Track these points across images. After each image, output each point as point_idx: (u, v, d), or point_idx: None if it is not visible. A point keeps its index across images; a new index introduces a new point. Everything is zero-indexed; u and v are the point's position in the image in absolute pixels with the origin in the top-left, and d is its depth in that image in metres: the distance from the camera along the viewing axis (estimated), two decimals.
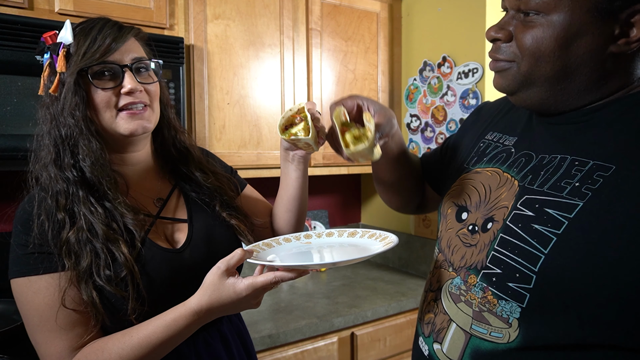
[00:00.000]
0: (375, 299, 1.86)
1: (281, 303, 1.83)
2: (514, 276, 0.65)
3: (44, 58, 0.83)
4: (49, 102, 0.82)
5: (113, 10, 1.49)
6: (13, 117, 1.28)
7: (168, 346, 0.77)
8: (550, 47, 0.63)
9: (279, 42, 1.86)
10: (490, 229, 0.71)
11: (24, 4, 1.35)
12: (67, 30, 0.81)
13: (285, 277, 0.73)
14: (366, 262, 2.48)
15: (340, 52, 2.04)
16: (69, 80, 0.79)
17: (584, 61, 0.63)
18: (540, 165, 0.69)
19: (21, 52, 1.29)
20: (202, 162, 0.99)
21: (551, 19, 0.62)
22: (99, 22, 0.83)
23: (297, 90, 1.92)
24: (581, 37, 0.62)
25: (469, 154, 0.87)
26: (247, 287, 0.73)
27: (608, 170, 0.60)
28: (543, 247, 0.62)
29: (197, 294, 0.76)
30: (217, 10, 1.71)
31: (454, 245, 0.79)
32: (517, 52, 0.67)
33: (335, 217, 2.53)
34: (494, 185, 0.75)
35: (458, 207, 0.81)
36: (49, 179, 0.80)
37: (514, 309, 0.64)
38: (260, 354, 1.52)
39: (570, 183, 0.63)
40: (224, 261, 0.76)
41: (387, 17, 2.17)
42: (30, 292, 0.76)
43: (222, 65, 1.73)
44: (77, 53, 0.80)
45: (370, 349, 1.77)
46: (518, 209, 0.68)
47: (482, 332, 0.68)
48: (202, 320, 0.77)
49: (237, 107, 1.78)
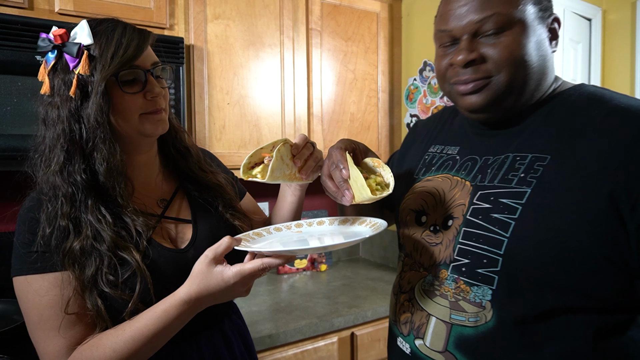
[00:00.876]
0: (375, 299, 1.86)
1: (281, 303, 1.83)
2: (481, 263, 0.72)
3: (49, 56, 0.80)
4: (59, 102, 0.79)
5: (113, 10, 1.49)
6: (13, 117, 1.28)
7: (161, 338, 0.77)
8: (523, 56, 0.72)
9: (279, 42, 1.86)
10: (451, 226, 0.78)
11: (24, 4, 1.35)
12: (85, 31, 0.79)
13: (273, 264, 0.73)
14: (366, 262, 2.49)
15: (340, 52, 2.04)
16: (98, 84, 0.77)
17: (546, 61, 0.75)
18: (486, 166, 0.78)
19: (21, 52, 1.29)
20: (201, 162, 0.99)
21: (515, 32, 0.71)
22: (118, 24, 0.82)
23: (297, 90, 1.92)
24: (540, 42, 0.73)
25: (416, 166, 0.93)
26: (235, 274, 0.73)
27: (545, 160, 0.71)
28: (504, 231, 0.70)
29: (186, 284, 0.76)
30: (217, 10, 1.71)
31: (420, 247, 0.84)
32: (493, 68, 0.73)
33: None
34: (447, 188, 0.82)
35: (416, 212, 0.86)
36: (54, 183, 0.78)
37: (486, 292, 0.72)
38: (260, 354, 1.52)
39: (516, 175, 0.72)
40: (211, 249, 0.76)
41: (387, 17, 2.17)
42: (31, 291, 0.76)
43: (222, 65, 1.73)
44: (104, 56, 0.78)
45: (370, 349, 1.77)
46: (475, 204, 0.76)
47: (461, 320, 0.74)
48: (192, 310, 0.76)
49: (237, 107, 1.78)
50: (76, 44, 0.78)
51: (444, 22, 0.74)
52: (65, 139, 0.78)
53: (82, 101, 0.78)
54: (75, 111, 0.78)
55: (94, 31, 0.79)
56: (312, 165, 0.89)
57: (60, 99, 0.79)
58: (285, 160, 0.84)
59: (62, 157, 0.78)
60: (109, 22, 0.82)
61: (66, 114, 0.78)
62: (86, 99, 0.78)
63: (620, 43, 2.20)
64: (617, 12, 2.23)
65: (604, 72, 2.28)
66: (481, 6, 0.70)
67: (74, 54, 0.78)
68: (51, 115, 0.80)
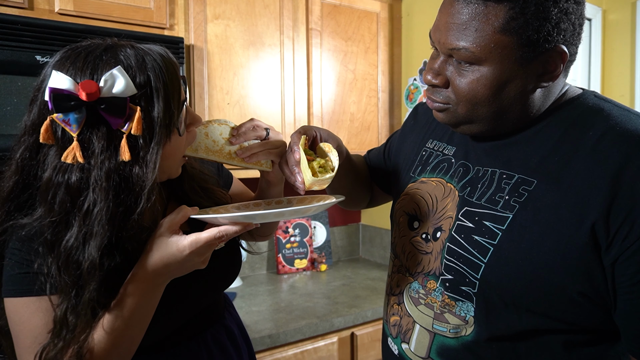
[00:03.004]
0: (375, 299, 1.86)
1: (281, 303, 1.83)
2: (463, 281, 0.72)
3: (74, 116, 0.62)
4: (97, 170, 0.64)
5: (113, 10, 1.49)
6: (13, 117, 1.28)
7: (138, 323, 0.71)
8: (485, 95, 0.67)
9: (279, 42, 1.86)
10: (439, 238, 0.78)
11: (24, 4, 1.35)
12: (123, 80, 0.64)
13: (229, 231, 0.69)
14: (366, 262, 2.49)
15: (340, 52, 2.04)
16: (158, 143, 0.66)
17: (516, 100, 0.68)
18: (476, 178, 0.76)
19: (21, 52, 1.29)
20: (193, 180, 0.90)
21: (483, 70, 0.66)
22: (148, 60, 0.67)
23: (297, 91, 1.93)
24: (511, 82, 0.67)
25: (413, 162, 0.92)
26: (190, 243, 0.69)
27: (531, 185, 0.68)
28: (483, 256, 0.70)
29: (141, 258, 0.70)
30: (217, 10, 1.71)
31: (408, 252, 0.84)
32: (453, 97, 0.71)
33: (335, 217, 2.54)
34: (440, 195, 0.81)
35: (409, 215, 0.86)
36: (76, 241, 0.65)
37: (469, 308, 0.72)
38: (260, 354, 1.52)
39: (502, 197, 0.70)
40: (166, 219, 0.71)
41: (387, 17, 2.17)
42: (27, 312, 0.68)
43: (222, 66, 1.74)
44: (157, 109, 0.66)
45: (370, 349, 1.77)
46: (460, 220, 0.75)
47: (443, 330, 0.75)
48: (153, 284, 0.70)
49: (237, 107, 1.78)
50: (119, 99, 0.63)
51: (432, 31, 0.71)
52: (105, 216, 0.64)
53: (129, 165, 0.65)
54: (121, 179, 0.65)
55: (132, 76, 0.65)
56: (256, 149, 0.85)
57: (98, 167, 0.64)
58: (212, 137, 0.83)
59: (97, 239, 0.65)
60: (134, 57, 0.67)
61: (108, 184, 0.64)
62: (138, 162, 0.66)
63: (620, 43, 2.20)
64: (617, 12, 2.23)
65: (603, 72, 2.28)
66: (455, 34, 0.66)
67: (120, 112, 0.63)
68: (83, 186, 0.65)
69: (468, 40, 0.64)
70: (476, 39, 0.64)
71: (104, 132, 0.64)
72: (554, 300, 0.65)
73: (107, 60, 0.65)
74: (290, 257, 2.29)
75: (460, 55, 0.66)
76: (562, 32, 0.64)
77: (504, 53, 0.64)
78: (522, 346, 0.69)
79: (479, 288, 0.70)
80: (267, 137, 0.88)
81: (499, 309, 0.69)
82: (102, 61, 0.65)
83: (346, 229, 2.57)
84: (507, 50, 0.64)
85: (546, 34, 0.63)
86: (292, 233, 2.32)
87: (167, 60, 0.70)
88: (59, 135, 0.65)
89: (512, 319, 0.68)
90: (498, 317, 0.69)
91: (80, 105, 0.62)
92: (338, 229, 2.54)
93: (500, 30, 0.63)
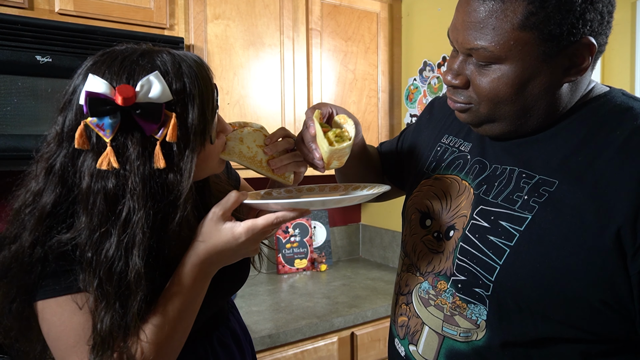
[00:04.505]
0: (375, 299, 1.86)
1: (281, 303, 1.83)
2: (477, 282, 0.69)
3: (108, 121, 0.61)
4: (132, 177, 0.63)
5: (113, 11, 1.49)
6: (13, 117, 1.28)
7: (187, 314, 0.70)
8: (508, 93, 0.65)
9: (279, 42, 1.86)
10: (452, 237, 0.75)
11: (24, 4, 1.35)
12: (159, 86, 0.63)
13: (287, 217, 0.68)
14: (366, 262, 2.49)
15: (340, 52, 2.04)
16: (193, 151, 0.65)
17: (541, 97, 0.65)
18: (494, 176, 0.73)
19: (21, 52, 1.29)
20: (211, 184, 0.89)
21: (504, 68, 0.63)
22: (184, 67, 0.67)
23: (297, 91, 1.93)
24: (535, 79, 0.63)
25: (427, 157, 0.89)
26: (246, 230, 0.68)
27: (552, 186, 0.64)
28: (498, 258, 0.66)
29: (192, 246, 0.69)
30: (217, 10, 1.71)
31: (419, 250, 0.81)
32: (474, 97, 0.68)
33: (335, 217, 2.54)
34: (454, 193, 0.78)
35: (421, 213, 0.83)
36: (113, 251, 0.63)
37: (482, 311, 0.69)
38: (260, 354, 1.52)
39: (520, 197, 0.67)
40: (218, 205, 0.69)
41: (387, 17, 2.17)
42: (68, 311, 0.66)
43: (222, 66, 1.74)
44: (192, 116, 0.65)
45: (370, 349, 1.77)
46: (475, 219, 0.72)
47: (453, 334, 0.72)
48: (205, 272, 0.70)
49: (237, 107, 1.78)
50: (155, 105, 0.62)
51: (450, 30, 0.69)
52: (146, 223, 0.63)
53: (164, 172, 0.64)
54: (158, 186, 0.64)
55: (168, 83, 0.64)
56: (286, 161, 0.83)
57: (134, 174, 0.63)
58: (247, 142, 0.81)
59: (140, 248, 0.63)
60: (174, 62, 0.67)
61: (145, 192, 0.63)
62: (173, 170, 0.65)
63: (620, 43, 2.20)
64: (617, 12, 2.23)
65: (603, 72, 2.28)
66: (473, 33, 0.63)
67: (155, 118, 0.62)
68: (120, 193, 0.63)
69: (486, 40, 0.62)
70: (495, 37, 0.61)
71: (138, 138, 0.63)
72: (573, 307, 0.61)
73: (144, 66, 0.64)
74: (290, 257, 2.30)
75: (479, 55, 0.64)
76: (588, 23, 0.59)
77: (525, 50, 0.61)
78: (536, 354, 0.66)
79: (492, 291, 0.66)
80: (294, 149, 0.86)
81: (513, 313, 0.65)
82: (138, 66, 0.64)
83: (346, 229, 2.57)
84: (529, 47, 0.61)
85: (570, 27, 0.59)
86: (292, 233, 2.32)
87: (201, 67, 0.69)
88: (94, 140, 0.63)
89: (527, 324, 0.65)
90: (512, 322, 0.66)
91: (115, 110, 0.61)
92: (338, 229, 2.54)
93: (520, 27, 0.59)
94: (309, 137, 0.78)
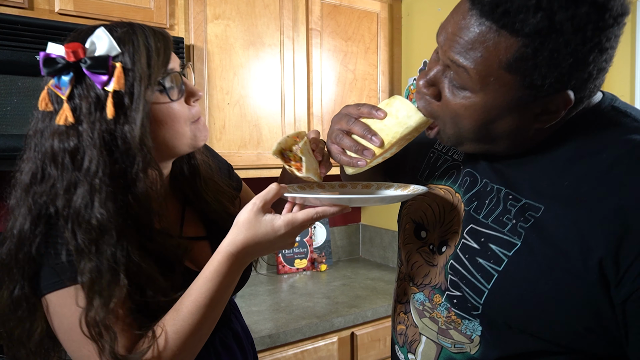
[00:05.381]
0: (375, 299, 1.86)
1: (281, 303, 1.83)
2: (468, 301, 0.68)
3: (64, 79, 0.67)
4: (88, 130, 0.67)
5: (113, 10, 1.49)
6: (13, 117, 1.28)
7: (219, 302, 0.71)
8: (470, 124, 0.63)
9: (279, 42, 1.86)
10: (444, 253, 0.74)
11: (24, 4, 1.35)
12: (106, 40, 0.67)
13: (327, 212, 0.69)
14: (366, 262, 2.49)
15: (340, 52, 2.04)
16: (141, 98, 0.67)
17: (505, 136, 0.64)
18: (484, 192, 0.71)
19: (21, 52, 1.29)
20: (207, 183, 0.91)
21: (475, 99, 0.61)
22: (135, 27, 0.72)
23: (297, 91, 1.93)
24: (502, 119, 0.62)
25: (420, 163, 0.88)
26: (286, 223, 0.69)
27: (538, 211, 0.63)
28: (486, 282, 0.66)
29: (230, 235, 0.70)
30: (217, 10, 1.71)
31: (414, 261, 0.80)
32: (440, 114, 0.66)
33: (335, 217, 2.54)
34: (448, 206, 0.76)
35: (416, 224, 0.82)
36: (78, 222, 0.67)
37: (476, 327, 0.69)
38: (260, 354, 1.52)
39: (510, 220, 0.65)
40: (259, 197, 0.71)
41: (387, 17, 2.17)
42: (72, 302, 0.67)
43: (222, 65, 1.74)
44: (138, 65, 0.68)
45: (370, 349, 1.77)
46: (465, 238, 0.70)
47: (447, 345, 0.72)
48: (240, 262, 0.71)
49: (237, 107, 1.79)
50: (101, 57, 0.67)
51: (439, 31, 0.64)
52: (103, 172, 0.67)
53: (118, 123, 0.67)
54: (112, 137, 0.67)
55: (116, 38, 0.68)
56: (327, 159, 0.83)
57: (89, 126, 0.67)
58: (311, 154, 0.80)
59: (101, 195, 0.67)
60: (123, 26, 0.72)
61: (100, 142, 0.66)
62: (125, 120, 0.67)
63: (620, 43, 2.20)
64: None
65: None
66: (459, 49, 0.59)
67: (102, 69, 0.66)
68: (80, 146, 0.67)
69: (470, 62, 0.58)
70: (478, 65, 0.58)
71: (91, 93, 0.67)
72: (560, 331, 0.61)
73: (95, 27, 0.70)
74: (290, 257, 2.30)
75: (457, 74, 0.60)
76: (572, 80, 0.57)
77: (501, 90, 0.58)
78: None
79: (482, 311, 0.67)
80: None
81: (504, 331, 0.66)
82: (90, 29, 0.70)
83: (346, 229, 2.57)
84: (506, 89, 0.58)
85: (554, 81, 0.56)
86: None
87: (156, 30, 0.73)
88: (55, 106, 0.68)
89: (518, 341, 0.65)
90: (504, 339, 0.66)
91: (67, 67, 0.66)
92: (338, 229, 2.54)
93: (505, 67, 0.56)
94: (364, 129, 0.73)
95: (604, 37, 0.55)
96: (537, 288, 0.61)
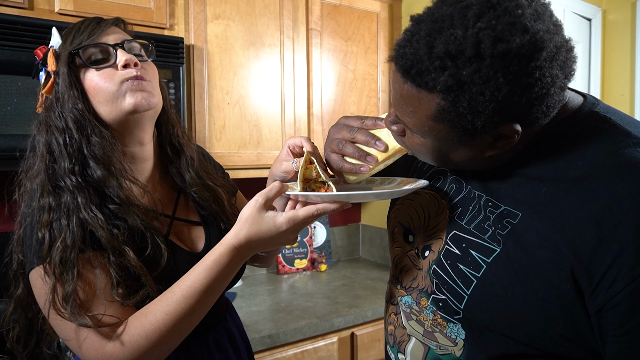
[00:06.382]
0: (375, 299, 1.86)
1: (281, 303, 1.83)
2: (451, 305, 0.70)
3: (41, 76, 0.81)
4: (45, 115, 0.79)
5: (113, 11, 1.49)
6: (13, 117, 1.28)
7: (214, 290, 0.74)
8: (431, 158, 0.68)
9: (279, 42, 1.86)
10: (427, 257, 0.75)
11: (24, 4, 1.35)
12: (55, 34, 0.80)
13: (327, 209, 0.71)
14: (366, 262, 2.49)
15: (340, 52, 2.04)
16: (62, 70, 0.76)
17: (467, 162, 0.66)
18: (468, 199, 0.72)
19: (21, 52, 1.29)
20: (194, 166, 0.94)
21: (424, 141, 0.64)
22: (86, 20, 0.83)
23: (297, 90, 1.93)
24: (456, 151, 0.64)
25: (409, 166, 0.90)
26: (288, 220, 0.71)
27: (515, 218, 0.63)
28: (466, 287, 0.67)
29: (234, 229, 0.73)
30: (217, 10, 1.71)
31: (402, 265, 0.82)
32: (408, 147, 0.70)
33: (335, 217, 2.54)
34: (433, 211, 0.77)
35: (404, 228, 0.83)
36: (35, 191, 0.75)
37: (460, 331, 0.70)
38: (260, 354, 1.52)
39: (490, 226, 0.66)
40: (262, 194, 0.73)
41: (387, 17, 2.17)
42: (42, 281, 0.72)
43: (222, 65, 1.74)
44: (64, 46, 0.78)
45: (370, 349, 1.77)
46: (448, 244, 0.72)
47: (433, 348, 0.74)
48: (241, 256, 0.74)
49: (237, 107, 1.78)
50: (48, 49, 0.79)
51: None
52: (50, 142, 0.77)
53: (59, 100, 0.77)
54: (60, 111, 0.77)
55: (61, 32, 0.80)
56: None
57: (46, 110, 0.79)
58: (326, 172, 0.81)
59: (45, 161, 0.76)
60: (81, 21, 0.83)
61: (50, 119, 0.77)
62: (61, 96, 0.77)
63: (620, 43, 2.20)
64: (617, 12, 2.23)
65: (603, 72, 2.28)
66: (398, 106, 0.63)
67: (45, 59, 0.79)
68: (38, 127, 0.79)
69: (407, 117, 0.62)
70: (413, 119, 0.61)
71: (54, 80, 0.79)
72: (537, 337, 0.62)
73: None
74: (290, 257, 2.30)
75: (406, 121, 0.64)
76: (504, 119, 0.57)
77: (440, 135, 0.61)
78: None
79: (463, 316, 0.68)
80: None
81: (482, 334, 0.68)
82: None
83: (346, 229, 2.57)
84: (443, 133, 0.60)
85: (482, 125, 0.57)
86: None
87: (97, 17, 0.83)
88: None
89: (500, 343, 0.66)
90: (486, 342, 0.68)
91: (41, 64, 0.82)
92: (338, 229, 2.54)
93: (433, 118, 0.59)
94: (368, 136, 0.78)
95: (523, 78, 0.53)
96: (513, 295, 0.62)
